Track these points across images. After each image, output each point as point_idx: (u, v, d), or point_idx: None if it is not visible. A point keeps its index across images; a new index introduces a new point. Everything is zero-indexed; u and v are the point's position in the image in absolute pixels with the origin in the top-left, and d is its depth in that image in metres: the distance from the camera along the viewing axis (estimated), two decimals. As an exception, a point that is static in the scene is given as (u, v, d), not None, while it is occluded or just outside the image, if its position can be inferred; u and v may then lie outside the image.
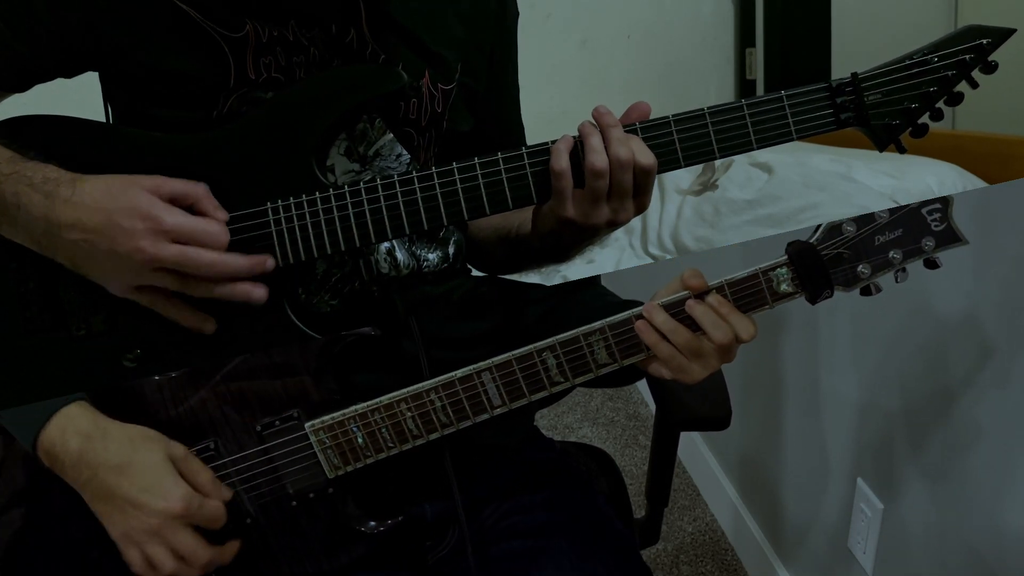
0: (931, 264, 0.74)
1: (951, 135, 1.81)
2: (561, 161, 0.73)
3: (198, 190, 0.72)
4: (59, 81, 0.81)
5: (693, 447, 2.10)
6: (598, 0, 2.44)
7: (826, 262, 0.74)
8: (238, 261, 0.72)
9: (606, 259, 2.07)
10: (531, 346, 0.76)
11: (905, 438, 1.23)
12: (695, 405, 1.01)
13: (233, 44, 0.77)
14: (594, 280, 1.01)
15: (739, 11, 2.60)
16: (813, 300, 0.75)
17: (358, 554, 0.80)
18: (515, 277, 1.01)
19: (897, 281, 0.75)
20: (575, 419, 2.42)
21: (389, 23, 0.81)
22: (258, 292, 0.73)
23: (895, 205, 0.74)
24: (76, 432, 0.73)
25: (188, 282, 0.71)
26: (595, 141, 0.72)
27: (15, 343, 0.76)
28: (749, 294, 0.75)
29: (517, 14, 0.94)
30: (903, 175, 1.74)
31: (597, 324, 0.75)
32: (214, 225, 0.71)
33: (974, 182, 1.71)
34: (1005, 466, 1.04)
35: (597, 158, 0.72)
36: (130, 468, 0.72)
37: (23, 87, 0.81)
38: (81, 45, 0.77)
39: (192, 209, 0.71)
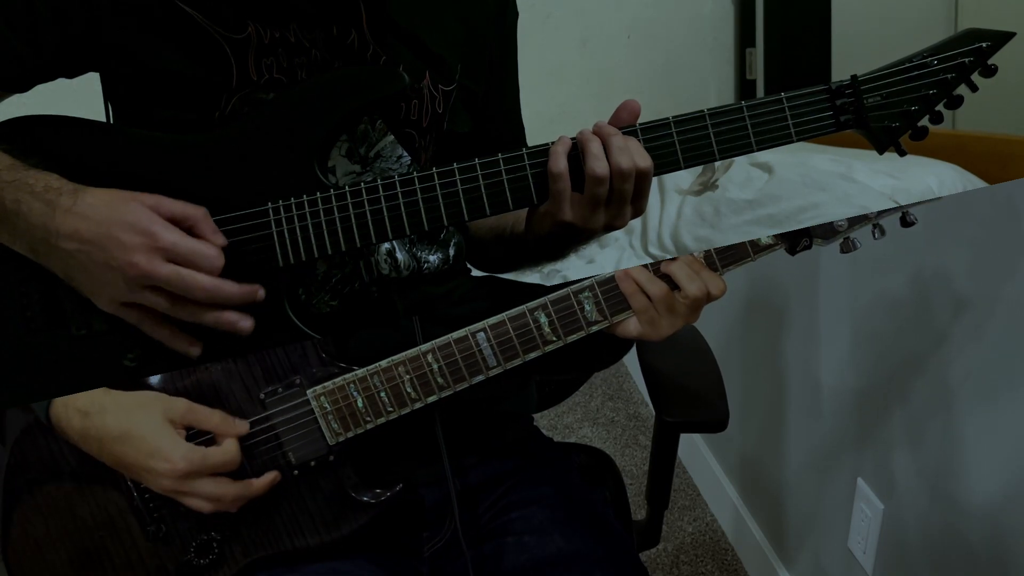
0: (906, 222, 0.75)
1: (951, 135, 1.80)
2: (559, 163, 0.73)
3: (197, 212, 0.72)
4: (59, 81, 0.81)
5: (693, 447, 2.10)
6: (598, 0, 2.44)
7: None
8: (230, 288, 0.72)
9: (606, 259, 2.07)
10: (524, 305, 0.78)
11: (905, 438, 1.23)
12: (693, 408, 1.01)
13: (235, 45, 0.77)
14: None
15: (739, 11, 2.59)
16: (792, 251, 0.77)
17: (358, 524, 0.81)
18: (515, 276, 1.01)
19: (875, 238, 0.76)
20: (575, 419, 2.42)
21: (390, 25, 0.82)
22: (245, 323, 0.73)
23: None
24: (76, 410, 0.76)
25: (177, 304, 0.71)
26: (596, 147, 0.73)
27: (16, 343, 0.76)
28: (732, 249, 0.77)
29: (517, 15, 0.94)
30: (903, 175, 1.74)
31: (587, 281, 0.78)
32: (210, 249, 0.71)
33: (974, 182, 1.71)
34: (1005, 467, 1.04)
35: (598, 164, 0.72)
36: (130, 437, 0.75)
37: (24, 87, 0.81)
38: (82, 45, 0.77)
39: (190, 231, 0.71)
